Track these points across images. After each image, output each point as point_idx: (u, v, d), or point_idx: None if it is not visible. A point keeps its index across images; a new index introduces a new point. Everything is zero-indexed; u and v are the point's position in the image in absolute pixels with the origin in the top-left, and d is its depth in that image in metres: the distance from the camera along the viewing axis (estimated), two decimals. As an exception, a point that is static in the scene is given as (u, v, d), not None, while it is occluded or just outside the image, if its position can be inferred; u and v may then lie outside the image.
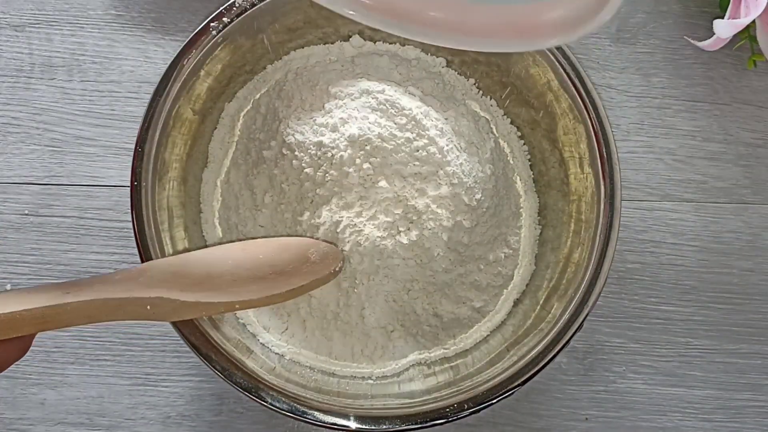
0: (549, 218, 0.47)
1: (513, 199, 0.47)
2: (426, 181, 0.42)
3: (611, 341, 0.50)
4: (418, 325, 0.45)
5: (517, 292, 0.46)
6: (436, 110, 0.45)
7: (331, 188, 0.42)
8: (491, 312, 0.46)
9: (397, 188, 0.41)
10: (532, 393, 0.50)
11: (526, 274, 0.47)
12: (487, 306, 0.46)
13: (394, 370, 0.44)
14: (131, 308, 0.34)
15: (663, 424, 0.50)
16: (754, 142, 0.53)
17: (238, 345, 0.43)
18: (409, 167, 0.42)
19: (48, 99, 0.51)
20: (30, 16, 0.52)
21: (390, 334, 0.44)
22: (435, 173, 0.42)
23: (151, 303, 0.35)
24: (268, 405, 0.39)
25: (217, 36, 0.43)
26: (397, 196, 0.41)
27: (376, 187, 0.41)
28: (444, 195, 0.42)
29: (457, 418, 0.39)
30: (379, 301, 0.43)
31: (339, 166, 0.41)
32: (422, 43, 0.48)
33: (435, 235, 0.42)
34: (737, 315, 0.51)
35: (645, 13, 0.53)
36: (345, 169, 0.41)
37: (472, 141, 0.45)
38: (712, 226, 0.52)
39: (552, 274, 0.45)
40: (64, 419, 0.48)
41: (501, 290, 0.46)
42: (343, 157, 0.41)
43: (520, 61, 0.46)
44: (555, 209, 0.47)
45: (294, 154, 0.42)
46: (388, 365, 0.44)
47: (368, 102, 0.43)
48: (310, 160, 0.42)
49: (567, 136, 0.45)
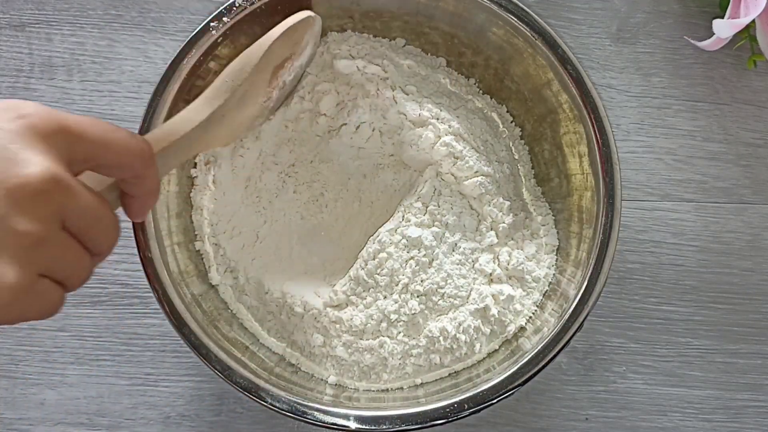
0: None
1: (519, 197, 0.48)
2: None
3: (611, 341, 0.50)
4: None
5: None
6: (446, 110, 0.45)
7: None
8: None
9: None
10: (532, 393, 0.50)
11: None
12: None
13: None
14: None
15: (663, 424, 0.50)
16: (754, 142, 0.53)
17: (238, 345, 0.43)
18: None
19: (48, 99, 0.51)
20: (30, 16, 0.52)
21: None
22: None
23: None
24: (268, 405, 0.39)
25: (217, 36, 0.43)
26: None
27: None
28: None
29: (457, 418, 0.39)
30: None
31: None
32: (421, 42, 0.48)
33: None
34: (737, 315, 0.51)
35: (645, 13, 0.53)
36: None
37: (486, 139, 0.46)
38: (712, 226, 0.52)
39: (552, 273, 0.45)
40: (64, 419, 0.48)
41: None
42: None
43: (521, 61, 0.46)
44: (555, 209, 0.47)
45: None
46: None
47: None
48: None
49: (567, 136, 0.45)
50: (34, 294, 0.27)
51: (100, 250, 0.30)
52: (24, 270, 0.26)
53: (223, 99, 0.40)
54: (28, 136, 0.27)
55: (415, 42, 0.48)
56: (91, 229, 0.29)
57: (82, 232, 0.28)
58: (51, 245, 0.27)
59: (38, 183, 0.26)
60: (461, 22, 0.46)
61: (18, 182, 0.26)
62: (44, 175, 0.26)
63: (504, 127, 0.49)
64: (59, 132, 0.28)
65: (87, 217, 0.28)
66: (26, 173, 0.26)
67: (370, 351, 0.43)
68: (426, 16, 0.46)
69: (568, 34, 0.53)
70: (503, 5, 0.43)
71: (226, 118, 0.41)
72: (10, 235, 0.26)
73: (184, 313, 0.40)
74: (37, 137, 0.27)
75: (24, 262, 0.26)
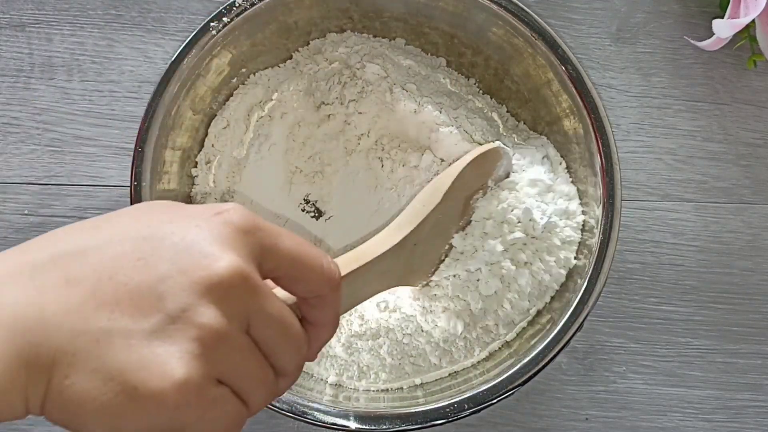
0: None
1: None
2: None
3: (611, 341, 0.50)
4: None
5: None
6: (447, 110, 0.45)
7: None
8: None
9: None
10: (532, 393, 0.50)
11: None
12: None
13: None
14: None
15: (663, 424, 0.50)
16: (754, 142, 0.53)
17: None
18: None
19: (48, 99, 0.51)
20: (30, 16, 0.52)
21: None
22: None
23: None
24: (267, 405, 0.39)
25: (217, 36, 0.43)
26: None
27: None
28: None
29: (457, 418, 0.39)
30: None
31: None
32: (421, 42, 0.48)
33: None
34: (737, 315, 0.51)
35: (645, 13, 0.53)
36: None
37: (486, 139, 0.46)
38: (712, 226, 0.52)
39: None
40: (64, 419, 0.48)
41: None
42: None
43: (521, 61, 0.46)
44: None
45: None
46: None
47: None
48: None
49: (567, 136, 0.45)
50: (209, 401, 0.24)
51: (285, 368, 0.27)
52: (199, 366, 0.24)
53: (414, 224, 0.38)
54: (224, 233, 0.26)
55: (415, 42, 0.48)
56: (277, 339, 0.26)
57: (268, 342, 0.26)
58: (233, 347, 0.25)
59: (227, 277, 0.24)
60: (461, 22, 0.46)
61: (205, 275, 0.24)
62: (234, 270, 0.25)
63: (504, 127, 0.49)
64: (255, 232, 0.26)
65: (274, 325, 0.26)
66: (215, 266, 0.24)
67: (369, 351, 0.43)
68: (426, 16, 0.46)
69: (568, 34, 0.53)
70: (503, 5, 0.43)
71: (418, 248, 0.39)
72: (191, 326, 0.24)
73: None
74: (231, 234, 0.26)
75: (201, 359, 0.24)
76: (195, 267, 0.24)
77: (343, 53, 0.46)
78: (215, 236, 0.25)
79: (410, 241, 0.37)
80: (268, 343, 0.26)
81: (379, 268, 0.35)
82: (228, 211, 0.26)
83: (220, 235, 0.25)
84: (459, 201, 0.41)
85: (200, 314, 0.24)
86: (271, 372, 0.27)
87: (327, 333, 0.30)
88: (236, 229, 0.26)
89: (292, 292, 0.29)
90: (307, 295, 0.29)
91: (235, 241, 0.26)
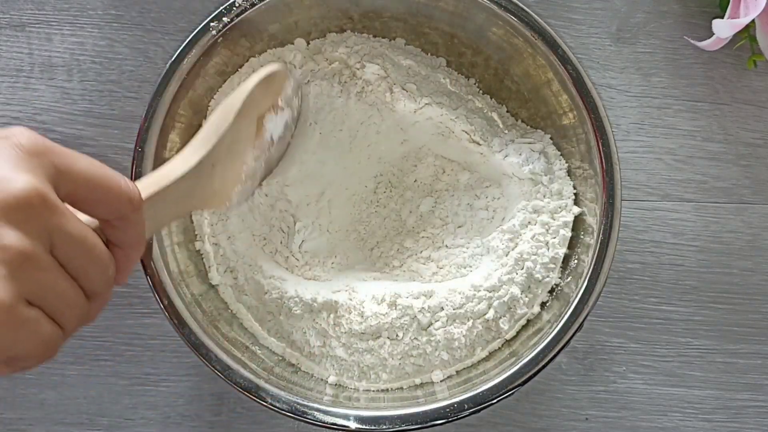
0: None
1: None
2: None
3: (611, 341, 0.50)
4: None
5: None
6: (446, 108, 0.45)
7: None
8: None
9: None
10: (532, 393, 0.50)
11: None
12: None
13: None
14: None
15: (663, 424, 0.50)
16: (754, 142, 0.53)
17: (238, 345, 0.43)
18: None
19: (48, 99, 0.51)
20: (30, 16, 0.52)
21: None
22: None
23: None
24: (268, 405, 0.39)
25: (217, 36, 0.43)
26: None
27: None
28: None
29: (457, 418, 0.39)
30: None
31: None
32: (421, 42, 0.48)
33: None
34: (737, 315, 0.51)
35: (645, 13, 0.53)
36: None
37: (486, 138, 0.46)
38: (712, 226, 0.52)
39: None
40: (64, 419, 0.48)
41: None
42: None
43: (521, 61, 0.46)
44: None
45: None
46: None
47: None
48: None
49: (567, 136, 0.45)
50: (21, 321, 0.25)
51: (93, 287, 0.28)
52: (7, 287, 0.24)
53: (210, 145, 0.38)
54: (13, 156, 0.26)
55: (415, 42, 0.48)
56: (81, 259, 0.27)
57: (73, 262, 0.27)
58: (39, 267, 0.25)
59: (24, 197, 0.25)
60: (461, 22, 0.46)
61: (2, 197, 0.25)
62: (30, 190, 0.25)
63: (504, 127, 0.49)
64: (46, 153, 0.27)
65: (77, 245, 0.27)
66: (10, 188, 0.25)
67: (369, 351, 0.43)
68: (426, 16, 0.46)
69: (568, 34, 0.53)
70: (503, 5, 0.43)
71: (216, 169, 0.39)
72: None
73: (184, 313, 0.41)
74: (22, 156, 0.26)
75: (7, 279, 0.24)
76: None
77: (343, 53, 0.46)
78: (5, 159, 0.26)
79: (208, 161, 0.38)
80: (74, 263, 0.27)
81: (180, 190, 0.36)
82: (15, 135, 0.27)
83: (11, 158, 0.26)
84: (252, 120, 0.41)
85: (1, 236, 0.24)
86: (81, 293, 0.27)
87: (134, 255, 0.31)
88: (27, 151, 0.26)
89: (94, 215, 0.29)
90: (108, 217, 0.29)
91: (28, 163, 0.26)
